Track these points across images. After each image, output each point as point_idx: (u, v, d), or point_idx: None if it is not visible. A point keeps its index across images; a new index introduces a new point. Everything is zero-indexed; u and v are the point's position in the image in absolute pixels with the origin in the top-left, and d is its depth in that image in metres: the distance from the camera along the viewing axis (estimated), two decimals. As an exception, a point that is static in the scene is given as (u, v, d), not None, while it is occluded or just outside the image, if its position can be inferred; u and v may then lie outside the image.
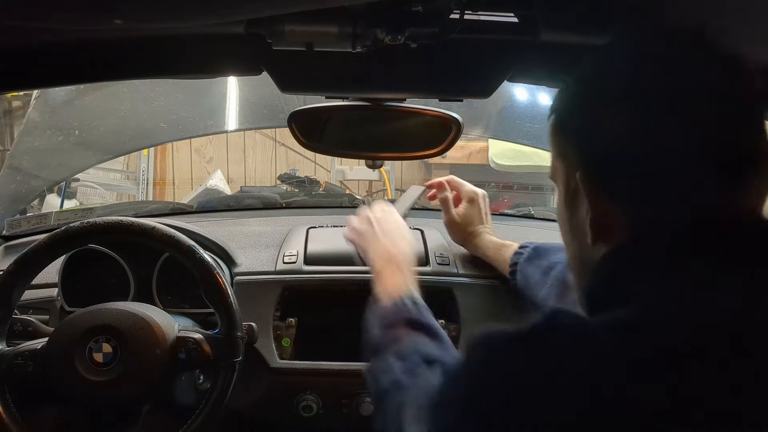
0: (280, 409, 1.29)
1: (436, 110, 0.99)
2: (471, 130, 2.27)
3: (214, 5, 0.58)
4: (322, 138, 1.03)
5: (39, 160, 1.89)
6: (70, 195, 2.78)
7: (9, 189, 1.79)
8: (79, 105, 1.93)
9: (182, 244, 1.12)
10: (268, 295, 1.31)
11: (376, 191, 3.67)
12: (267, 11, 0.69)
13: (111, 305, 1.11)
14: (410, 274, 1.01)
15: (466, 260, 1.39)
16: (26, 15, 0.58)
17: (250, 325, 1.16)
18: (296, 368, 1.28)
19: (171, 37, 0.87)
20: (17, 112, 3.46)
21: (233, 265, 1.36)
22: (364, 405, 1.26)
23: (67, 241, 1.12)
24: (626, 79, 0.58)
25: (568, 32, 0.83)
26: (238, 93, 2.12)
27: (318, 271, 1.35)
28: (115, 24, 0.59)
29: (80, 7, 0.55)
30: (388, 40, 0.76)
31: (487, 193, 1.33)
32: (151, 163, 3.73)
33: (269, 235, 1.48)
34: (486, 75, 0.89)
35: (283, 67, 0.88)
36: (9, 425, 1.05)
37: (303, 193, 2.46)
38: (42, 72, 0.92)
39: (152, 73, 1.11)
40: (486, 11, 0.80)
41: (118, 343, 1.06)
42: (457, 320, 1.30)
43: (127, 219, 1.14)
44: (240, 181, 3.77)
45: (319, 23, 0.76)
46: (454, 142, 1.01)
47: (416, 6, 0.74)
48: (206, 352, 1.09)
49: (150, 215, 1.77)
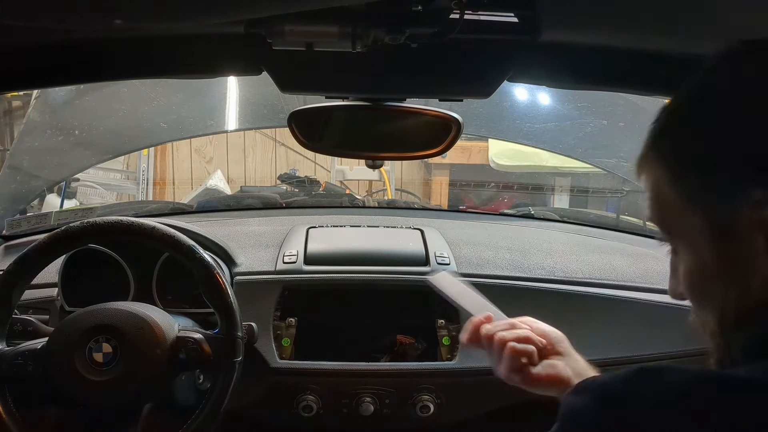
0: (280, 409, 1.29)
1: (436, 110, 0.99)
2: (471, 130, 2.27)
3: (214, 5, 0.58)
4: (322, 138, 1.03)
5: (39, 160, 1.89)
6: (70, 195, 2.78)
7: (9, 189, 1.79)
8: (79, 105, 1.93)
9: (182, 244, 1.11)
10: (268, 295, 1.31)
11: (376, 191, 3.66)
12: (267, 11, 0.69)
13: (111, 305, 1.11)
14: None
15: (466, 260, 1.39)
16: (27, 15, 0.58)
17: (250, 325, 1.16)
18: (296, 368, 1.28)
19: (171, 37, 0.87)
20: (17, 112, 3.46)
21: (233, 265, 1.36)
22: (364, 405, 1.26)
23: (67, 241, 1.12)
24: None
25: (568, 32, 0.83)
26: (238, 93, 2.11)
27: (318, 271, 1.35)
28: (115, 24, 0.59)
29: (80, 7, 0.55)
30: (388, 40, 0.75)
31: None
32: (151, 163, 3.72)
33: (269, 235, 1.48)
34: (486, 75, 0.89)
35: (283, 67, 0.88)
36: (9, 425, 1.05)
37: (303, 193, 2.46)
38: (42, 72, 0.92)
39: (152, 73, 1.11)
40: (486, 11, 0.80)
41: (118, 343, 1.06)
42: (457, 320, 1.30)
43: (127, 219, 1.14)
44: (240, 181, 3.77)
45: (319, 23, 0.76)
46: (454, 142, 1.01)
47: (416, 6, 0.74)
48: (206, 352, 1.09)
49: (150, 215, 1.77)
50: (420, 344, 1.35)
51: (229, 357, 1.09)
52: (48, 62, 0.90)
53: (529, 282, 1.36)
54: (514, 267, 1.40)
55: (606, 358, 1.28)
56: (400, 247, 1.43)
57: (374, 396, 1.27)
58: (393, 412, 1.27)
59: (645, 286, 1.38)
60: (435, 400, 1.27)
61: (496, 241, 1.51)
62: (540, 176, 3.16)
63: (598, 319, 1.32)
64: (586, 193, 3.00)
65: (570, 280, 1.38)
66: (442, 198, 3.46)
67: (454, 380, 1.28)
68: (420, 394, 1.27)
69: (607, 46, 0.89)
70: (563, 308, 1.33)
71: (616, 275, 1.41)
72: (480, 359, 1.28)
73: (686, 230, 0.55)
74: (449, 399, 1.28)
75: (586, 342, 1.32)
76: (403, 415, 1.27)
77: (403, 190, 3.86)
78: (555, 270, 1.40)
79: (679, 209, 0.54)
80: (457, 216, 2.00)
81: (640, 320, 1.32)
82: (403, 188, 3.84)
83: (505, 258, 1.43)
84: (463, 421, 1.31)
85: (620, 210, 2.32)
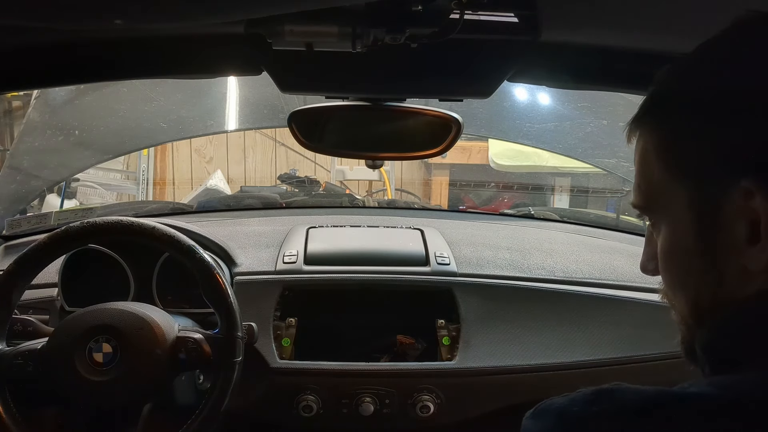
0: (280, 409, 1.28)
1: (436, 110, 0.99)
2: (471, 130, 2.27)
3: (214, 5, 0.58)
4: (322, 138, 1.03)
5: (39, 160, 1.89)
6: (70, 195, 2.78)
7: (9, 189, 1.79)
8: (79, 105, 1.93)
9: (182, 244, 1.11)
10: (268, 295, 1.31)
11: (376, 191, 3.66)
12: (267, 11, 0.69)
13: (111, 305, 1.11)
14: None
15: (466, 260, 1.39)
16: (27, 15, 0.58)
17: (250, 325, 1.16)
18: (296, 368, 1.28)
19: (171, 37, 0.87)
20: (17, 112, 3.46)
21: (233, 265, 1.36)
22: (364, 405, 1.26)
23: (67, 241, 1.12)
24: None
25: (568, 32, 0.83)
26: (238, 93, 2.11)
27: (318, 271, 1.35)
28: (115, 24, 0.59)
29: (81, 6, 0.55)
30: (388, 40, 0.76)
31: None
32: (151, 163, 3.72)
33: (269, 235, 1.48)
34: (486, 75, 0.89)
35: (283, 67, 0.88)
36: (9, 425, 1.05)
37: (303, 193, 2.46)
38: (42, 72, 0.92)
39: (152, 73, 1.11)
40: (486, 11, 0.80)
41: (118, 343, 1.06)
42: (457, 320, 1.30)
43: (127, 219, 1.14)
44: (240, 181, 3.77)
45: (319, 23, 0.76)
46: (454, 142, 1.01)
47: (416, 6, 0.74)
48: (206, 352, 1.09)
49: (150, 215, 1.77)
50: (420, 344, 1.35)
51: (229, 357, 1.09)
52: (48, 62, 0.90)
53: (528, 282, 1.36)
54: (514, 267, 1.40)
55: (606, 358, 1.29)
56: (400, 247, 1.43)
57: (374, 396, 1.27)
58: (393, 412, 1.27)
59: (645, 286, 1.37)
60: (435, 400, 1.27)
61: (495, 241, 1.51)
62: (540, 176, 3.16)
63: (598, 319, 1.32)
64: (586, 193, 3.00)
65: (570, 280, 1.38)
66: (442, 198, 3.46)
67: (454, 380, 1.28)
68: (420, 394, 1.27)
69: (608, 46, 0.89)
70: (563, 308, 1.33)
71: (616, 275, 1.41)
72: (480, 359, 1.28)
73: (669, 205, 0.52)
74: (449, 399, 1.28)
75: (585, 342, 1.34)
76: (403, 415, 1.27)
77: (403, 190, 3.86)
78: (555, 270, 1.40)
79: (666, 182, 0.52)
80: (457, 216, 1.99)
81: (640, 320, 1.32)
82: (403, 188, 3.84)
83: (504, 258, 1.43)
84: (463, 421, 1.31)
85: (620, 210, 2.32)
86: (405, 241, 1.45)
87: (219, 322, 1.11)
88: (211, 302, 1.11)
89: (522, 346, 1.30)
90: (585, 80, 0.98)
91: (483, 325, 1.30)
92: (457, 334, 1.30)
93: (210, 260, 1.12)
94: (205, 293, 1.11)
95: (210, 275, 1.10)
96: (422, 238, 1.45)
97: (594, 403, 0.46)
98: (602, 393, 0.46)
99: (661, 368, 1.27)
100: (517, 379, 1.28)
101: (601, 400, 0.46)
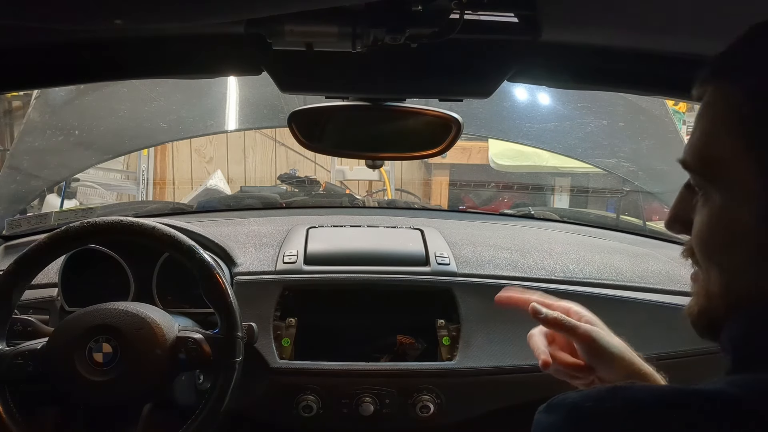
0: (280, 409, 1.29)
1: (436, 110, 0.99)
2: (471, 130, 2.27)
3: (214, 5, 0.58)
4: (322, 138, 1.03)
5: (39, 160, 1.89)
6: (70, 195, 2.78)
7: (9, 189, 1.79)
8: (79, 105, 1.93)
9: (182, 244, 1.12)
10: (268, 295, 1.31)
11: (376, 191, 3.66)
12: (267, 11, 0.69)
13: (111, 305, 1.11)
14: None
15: (466, 260, 1.39)
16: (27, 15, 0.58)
17: (250, 325, 1.16)
18: (296, 368, 1.28)
19: (171, 37, 0.87)
20: (17, 112, 3.46)
21: (233, 265, 1.36)
22: (364, 405, 1.26)
23: (67, 241, 1.12)
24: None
25: (568, 32, 0.83)
26: (238, 93, 2.11)
27: (318, 271, 1.35)
28: (115, 24, 0.59)
29: (81, 6, 0.55)
30: (388, 40, 0.76)
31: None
32: (151, 163, 3.72)
33: (269, 235, 1.48)
34: (486, 75, 0.89)
35: (283, 67, 0.88)
36: (9, 425, 1.05)
37: (303, 193, 2.46)
38: (42, 72, 0.92)
39: (152, 73, 1.11)
40: (486, 11, 0.80)
41: (118, 343, 1.06)
42: (457, 320, 1.30)
43: (127, 219, 1.14)
44: (240, 181, 3.77)
45: (319, 23, 0.76)
46: (454, 142, 1.01)
47: (416, 6, 0.73)
48: (206, 352, 1.09)
49: (150, 215, 1.77)
50: (420, 344, 1.35)
51: (229, 357, 1.09)
52: (48, 62, 0.90)
53: (528, 282, 1.36)
54: (513, 267, 1.40)
55: (606, 358, 1.28)
56: (400, 247, 1.43)
57: (374, 396, 1.27)
58: (393, 412, 1.27)
59: (645, 286, 1.38)
60: (435, 400, 1.27)
61: (495, 241, 1.51)
62: (540, 176, 3.16)
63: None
64: (586, 193, 3.00)
65: (570, 280, 1.38)
66: (442, 198, 3.46)
67: (454, 380, 1.28)
68: (420, 394, 1.27)
69: (607, 46, 0.89)
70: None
71: (616, 275, 1.41)
72: (480, 359, 1.28)
73: (731, 174, 0.46)
74: (449, 399, 1.28)
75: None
76: (403, 415, 1.27)
77: (403, 190, 3.86)
78: (555, 270, 1.40)
79: (738, 152, 0.46)
80: (457, 216, 2.00)
81: (640, 320, 1.32)
82: (403, 188, 3.84)
83: (504, 258, 1.43)
84: (463, 421, 1.31)
85: (620, 210, 2.32)
86: (405, 241, 1.45)
87: (219, 322, 1.11)
88: (211, 302, 1.11)
89: (522, 346, 1.29)
90: (585, 80, 0.98)
91: (483, 325, 1.30)
92: (457, 334, 1.30)
93: (210, 260, 1.12)
94: (205, 293, 1.11)
95: (210, 275, 1.10)
96: (422, 238, 1.45)
97: (607, 399, 0.46)
98: (617, 390, 0.46)
99: (661, 368, 1.27)
100: (517, 379, 1.28)
101: (615, 397, 0.46)
